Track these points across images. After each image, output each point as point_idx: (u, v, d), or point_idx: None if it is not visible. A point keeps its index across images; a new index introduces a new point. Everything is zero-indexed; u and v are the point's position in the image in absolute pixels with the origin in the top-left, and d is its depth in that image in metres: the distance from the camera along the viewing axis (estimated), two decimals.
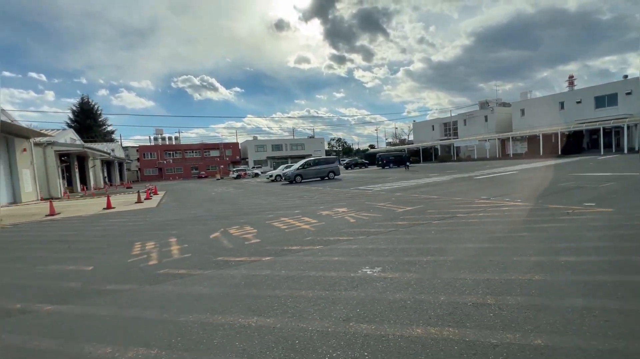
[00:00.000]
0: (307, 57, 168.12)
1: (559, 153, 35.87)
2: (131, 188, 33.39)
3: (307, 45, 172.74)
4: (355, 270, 4.21)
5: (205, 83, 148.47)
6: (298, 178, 23.00)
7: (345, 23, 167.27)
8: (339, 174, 25.07)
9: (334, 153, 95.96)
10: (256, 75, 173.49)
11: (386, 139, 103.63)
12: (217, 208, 11.83)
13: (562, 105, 40.73)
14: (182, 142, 78.96)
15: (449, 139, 51.83)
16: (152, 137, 76.32)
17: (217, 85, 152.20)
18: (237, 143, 79.65)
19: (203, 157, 74.44)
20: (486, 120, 48.81)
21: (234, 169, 45.30)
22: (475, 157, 45.50)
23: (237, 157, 77.40)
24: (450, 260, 4.33)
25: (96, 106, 65.70)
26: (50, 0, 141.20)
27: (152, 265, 5.10)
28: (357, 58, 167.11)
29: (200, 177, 66.73)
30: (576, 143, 37.93)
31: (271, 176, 28.18)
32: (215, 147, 76.14)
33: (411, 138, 73.18)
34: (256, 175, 44.59)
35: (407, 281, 3.74)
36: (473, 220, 6.67)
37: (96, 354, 2.65)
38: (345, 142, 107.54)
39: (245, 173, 43.98)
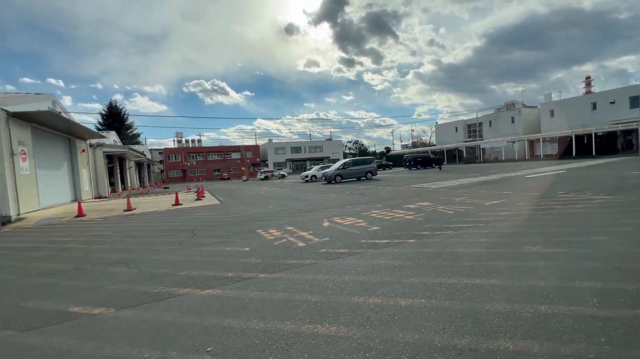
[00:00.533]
0: (316, 61, 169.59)
1: (593, 154, 35.34)
2: (168, 188, 34.45)
3: (317, 48, 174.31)
4: (520, 247, 4.58)
5: (216, 88, 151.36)
6: (338, 178, 23.45)
7: (355, 26, 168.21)
8: (376, 174, 25.42)
9: (350, 156, 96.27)
10: (266, 79, 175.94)
11: (401, 142, 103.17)
12: (292, 204, 12.31)
13: (594, 105, 40.14)
14: (192, 145, 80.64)
15: (475, 140, 51.50)
16: (175, 140, 78.45)
17: (228, 89, 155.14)
18: (257, 146, 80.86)
19: (224, 159, 75.84)
20: (513, 121, 48.40)
21: (262, 171, 46.10)
22: (503, 158, 45.12)
23: (257, 159, 78.53)
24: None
25: (123, 109, 68.00)
26: (68, 9, 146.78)
27: (302, 247, 5.58)
28: (367, 61, 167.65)
29: (222, 179, 68.03)
30: (610, 144, 37.29)
31: (306, 176, 28.73)
32: (236, 149, 77.49)
33: (432, 139, 72.91)
34: (283, 176, 45.29)
35: (580, 255, 4.10)
36: (582, 211, 6.95)
37: (369, 304, 3.11)
38: (362, 144, 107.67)
39: (273, 175, 44.76)
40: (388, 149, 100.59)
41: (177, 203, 14.64)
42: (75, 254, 6.22)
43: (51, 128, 16.68)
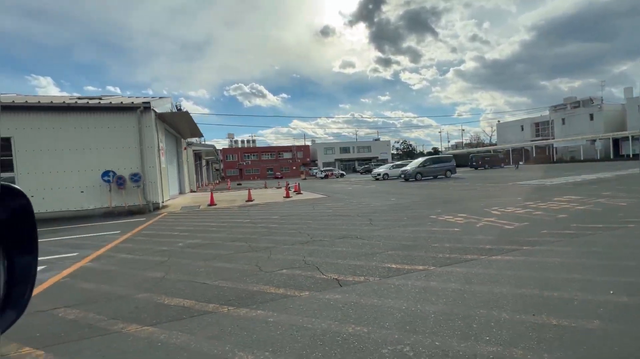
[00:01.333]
0: (351, 62, 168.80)
1: None
2: (241, 184, 36.66)
3: (352, 49, 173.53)
4: None
5: (254, 91, 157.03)
6: (418, 176, 23.45)
7: (392, 25, 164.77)
8: (455, 172, 25.03)
9: (397, 157, 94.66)
10: (302, 81, 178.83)
11: (449, 142, 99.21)
12: (413, 198, 12.71)
13: None
14: (247, 146, 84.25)
15: (547, 139, 48.22)
16: (232, 140, 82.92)
17: (265, 92, 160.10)
18: (308, 146, 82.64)
19: (277, 159, 78.49)
20: (592, 118, 44.59)
21: (321, 170, 47.32)
22: (582, 158, 41.73)
23: (307, 159, 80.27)
24: None
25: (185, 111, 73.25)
26: (124, 22, 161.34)
27: (511, 229, 5.93)
28: (404, 60, 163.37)
29: (276, 177, 70.43)
30: None
31: (378, 174, 29.01)
32: (287, 149, 79.88)
33: (492, 139, 69.33)
34: (342, 175, 46.09)
35: None
36: None
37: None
38: (409, 145, 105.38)
39: (332, 174, 45.70)
40: (436, 149, 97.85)
41: (287, 195, 15.73)
42: (279, 230, 7.13)
43: (172, 127, 18.73)
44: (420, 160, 25.09)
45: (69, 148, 12.48)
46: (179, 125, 18.81)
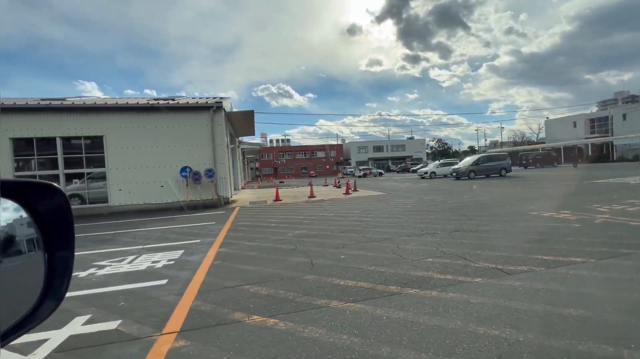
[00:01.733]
0: (379, 60, 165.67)
1: None
2: (283, 182, 37.42)
3: (379, 47, 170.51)
4: None
5: (281, 91, 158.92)
6: (471, 174, 22.74)
7: (421, 21, 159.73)
8: (510, 171, 24.00)
9: (431, 156, 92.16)
10: (328, 80, 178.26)
11: (486, 140, 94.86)
12: (490, 196, 12.41)
13: None
14: (281, 145, 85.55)
15: (606, 136, 44.83)
16: (266, 139, 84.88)
17: (292, 92, 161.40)
18: (341, 145, 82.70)
19: (310, 157, 79.19)
20: None
21: (360, 168, 47.22)
22: None
23: (340, 158, 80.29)
24: None
25: None
26: (161, 28, 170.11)
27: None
28: (433, 56, 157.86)
29: (310, 176, 71.04)
30: None
31: (425, 172, 28.48)
32: (321, 148, 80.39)
33: (539, 136, 65.59)
34: (380, 174, 45.74)
35: None
36: None
37: None
38: (445, 143, 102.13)
39: (370, 172, 45.48)
40: (472, 148, 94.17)
41: (347, 192, 15.88)
42: (384, 223, 7.24)
43: (231, 125, 19.55)
44: (473, 157, 24.31)
45: (150, 146, 13.40)
46: (238, 124, 19.57)
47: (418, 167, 53.94)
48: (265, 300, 3.31)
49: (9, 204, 0.51)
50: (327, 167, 76.88)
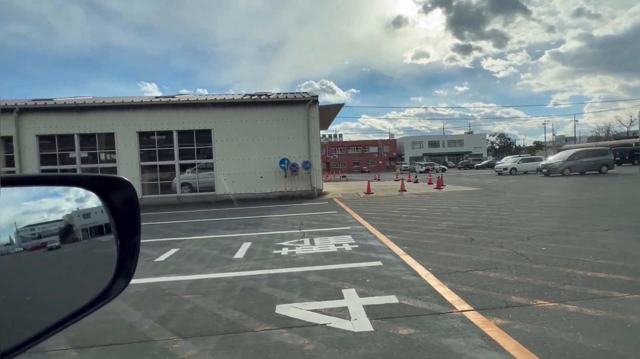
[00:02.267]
0: (425, 52, 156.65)
1: None
2: (345, 177, 37.59)
3: (427, 38, 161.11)
4: None
5: (324, 87, 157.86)
6: (566, 171, 20.74)
7: (473, 8, 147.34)
8: (613, 168, 21.50)
9: (492, 151, 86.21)
10: (372, 75, 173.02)
11: (554, 134, 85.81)
12: (605, 195, 11.26)
13: None
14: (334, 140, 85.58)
15: None
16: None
17: (335, 88, 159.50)
18: (394, 140, 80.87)
19: (363, 153, 78.51)
20: None
21: (423, 163, 45.91)
22: None
23: (394, 153, 78.46)
24: None
25: None
26: (212, 30, 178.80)
27: None
28: (486, 45, 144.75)
29: (363, 172, 70.48)
30: None
31: (505, 168, 26.66)
32: (374, 143, 79.32)
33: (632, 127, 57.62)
34: (443, 169, 44.10)
35: None
36: None
37: None
38: (508, 138, 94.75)
39: (433, 168, 43.97)
40: (539, 143, 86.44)
41: (438, 187, 15.44)
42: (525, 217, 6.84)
43: None
44: (568, 152, 22.11)
45: (251, 138, 14.17)
46: (323, 117, 19.93)
47: (483, 162, 50.80)
48: (521, 286, 3.26)
49: (92, 196, 0.60)
50: (380, 162, 75.60)
